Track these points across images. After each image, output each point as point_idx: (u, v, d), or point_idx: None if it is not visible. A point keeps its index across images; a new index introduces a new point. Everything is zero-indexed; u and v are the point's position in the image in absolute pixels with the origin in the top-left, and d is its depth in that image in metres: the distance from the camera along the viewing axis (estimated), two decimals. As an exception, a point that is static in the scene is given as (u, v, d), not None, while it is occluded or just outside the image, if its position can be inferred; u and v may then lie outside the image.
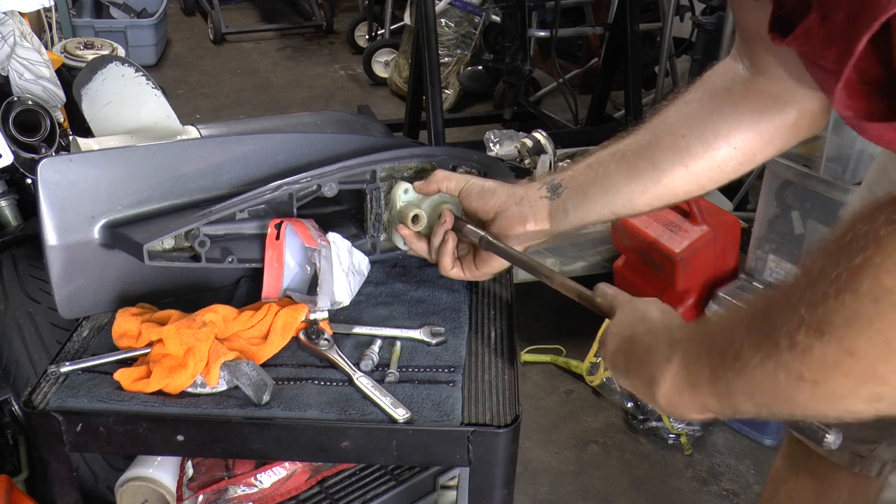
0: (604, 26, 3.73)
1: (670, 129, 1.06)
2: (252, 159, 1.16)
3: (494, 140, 2.82)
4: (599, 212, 1.09)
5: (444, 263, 1.15)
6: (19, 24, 1.91)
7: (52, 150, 1.77)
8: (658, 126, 1.07)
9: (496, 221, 1.13)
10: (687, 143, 1.04)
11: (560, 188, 1.10)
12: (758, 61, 1.00)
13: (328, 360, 1.05)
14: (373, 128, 1.82)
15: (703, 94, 1.06)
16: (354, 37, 5.43)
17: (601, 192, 1.08)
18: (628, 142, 1.08)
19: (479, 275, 1.16)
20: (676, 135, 1.05)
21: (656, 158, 1.05)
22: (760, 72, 1.00)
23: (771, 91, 1.00)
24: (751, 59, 1.01)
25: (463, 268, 1.16)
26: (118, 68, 1.53)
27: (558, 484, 2.23)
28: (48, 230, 1.05)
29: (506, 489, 1.00)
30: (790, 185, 2.42)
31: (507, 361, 1.08)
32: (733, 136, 1.03)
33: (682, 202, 2.41)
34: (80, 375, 1.02)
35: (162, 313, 1.08)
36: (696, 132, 1.04)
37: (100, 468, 1.53)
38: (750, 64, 1.01)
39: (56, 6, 3.68)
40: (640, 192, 1.07)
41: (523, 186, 1.13)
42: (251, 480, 1.16)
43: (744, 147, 1.03)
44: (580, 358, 2.57)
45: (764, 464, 2.28)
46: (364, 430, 0.96)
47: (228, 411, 0.97)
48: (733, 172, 1.05)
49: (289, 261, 1.15)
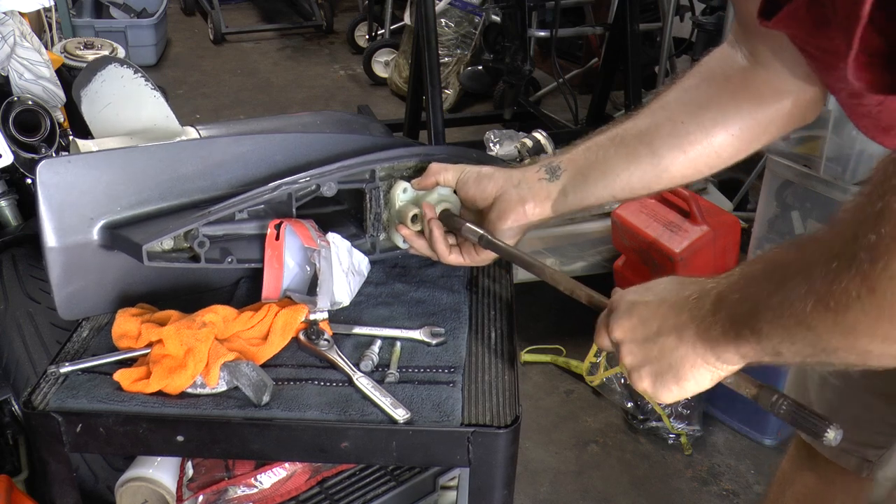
0: (604, 26, 3.73)
1: (670, 115, 1.07)
2: (251, 159, 1.16)
3: (494, 140, 2.81)
4: (598, 194, 1.10)
5: (440, 251, 1.16)
6: (19, 24, 1.91)
7: (52, 150, 1.77)
8: (657, 112, 1.08)
9: (495, 206, 1.13)
10: (686, 129, 1.05)
11: (559, 170, 1.11)
12: (756, 50, 1.01)
13: (328, 360, 1.05)
14: (373, 128, 1.83)
15: (701, 81, 1.07)
16: (354, 37, 5.43)
17: (600, 176, 1.09)
18: (627, 126, 1.09)
19: (481, 260, 1.17)
20: (676, 121, 1.06)
21: (655, 144, 1.07)
22: (758, 61, 1.01)
23: (768, 80, 1.01)
24: (749, 48, 1.02)
25: (463, 253, 1.17)
26: (117, 70, 1.53)
27: (558, 484, 2.23)
28: (47, 232, 1.05)
29: (506, 489, 1.00)
30: (790, 185, 2.42)
31: (507, 361, 1.08)
32: (731, 124, 1.04)
33: (681, 201, 2.42)
34: (80, 376, 1.02)
35: (162, 314, 1.07)
36: (694, 119, 1.05)
37: (100, 468, 1.53)
38: (748, 53, 1.03)
39: (56, 6, 3.68)
40: (638, 176, 1.08)
41: (521, 170, 1.14)
42: (251, 481, 1.16)
43: (741, 134, 1.05)
44: (580, 358, 2.57)
45: (764, 464, 2.28)
46: (364, 431, 0.96)
47: (228, 412, 0.97)
48: (731, 158, 1.07)
49: (288, 261, 1.15)
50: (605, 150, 1.09)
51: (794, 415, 0.80)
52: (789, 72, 0.97)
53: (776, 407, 0.81)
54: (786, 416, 0.81)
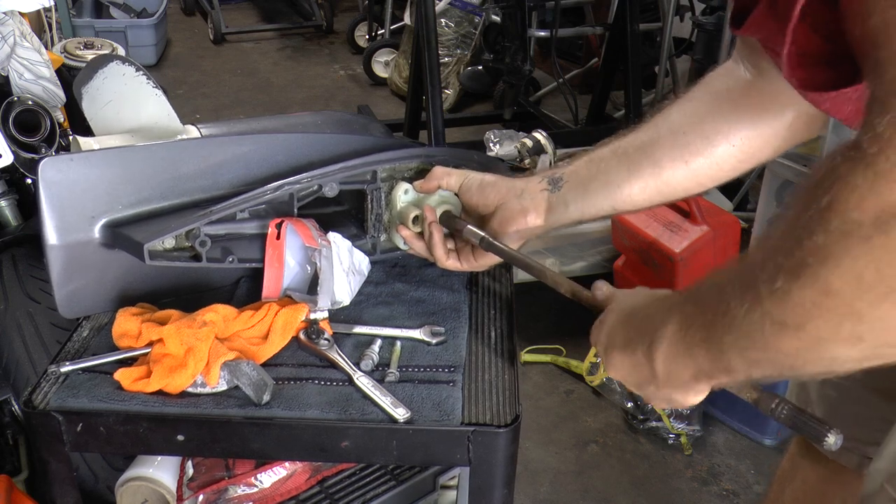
0: (604, 26, 3.73)
1: (671, 126, 1.08)
2: (252, 159, 1.16)
3: (494, 140, 2.81)
4: (599, 206, 1.11)
5: (438, 255, 1.16)
6: (19, 24, 1.91)
7: (52, 150, 1.77)
8: (660, 124, 1.09)
9: (497, 214, 1.13)
10: (687, 140, 1.06)
11: (560, 181, 1.12)
12: (757, 63, 1.02)
13: (328, 359, 1.05)
14: (373, 128, 1.82)
15: (704, 94, 1.08)
16: (354, 37, 5.43)
17: (602, 187, 1.10)
18: (629, 139, 1.10)
19: (478, 266, 1.17)
20: (678, 132, 1.07)
21: (657, 155, 1.07)
22: (761, 74, 1.02)
23: (769, 92, 1.02)
24: (751, 60, 1.03)
25: (461, 259, 1.17)
26: (119, 67, 1.53)
27: (558, 484, 2.23)
28: (48, 230, 1.05)
29: (506, 489, 1.00)
30: (790, 185, 2.42)
31: (507, 361, 1.08)
32: (733, 135, 1.05)
33: (681, 201, 2.42)
34: (80, 375, 1.02)
35: (162, 313, 1.08)
36: (696, 130, 1.06)
37: (100, 468, 1.53)
38: (750, 66, 1.03)
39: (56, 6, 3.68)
40: (640, 188, 1.08)
41: (524, 180, 1.15)
42: (251, 480, 1.16)
43: (742, 145, 1.05)
44: (580, 358, 2.57)
45: (764, 464, 2.28)
46: (364, 430, 0.96)
47: (228, 411, 0.97)
48: (732, 171, 1.07)
49: (289, 260, 1.15)
50: (607, 161, 1.10)
51: (795, 420, 0.81)
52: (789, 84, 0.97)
53: (777, 412, 0.82)
54: (786, 421, 0.81)
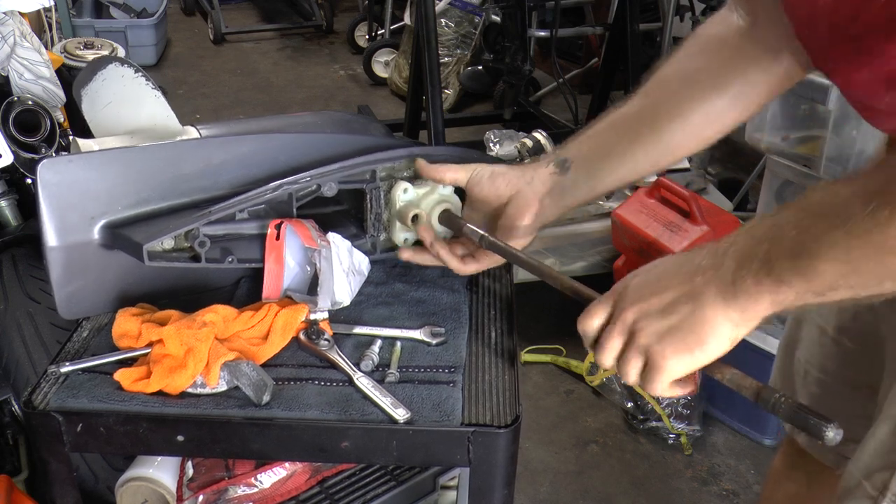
0: (604, 26, 3.73)
1: (667, 86, 1.08)
2: (252, 159, 1.16)
3: (494, 140, 2.82)
4: (608, 182, 1.11)
5: (454, 267, 1.17)
6: (19, 24, 1.91)
7: (52, 150, 1.77)
8: (653, 90, 1.09)
9: (511, 203, 1.13)
10: (682, 98, 1.06)
11: (567, 163, 1.12)
12: (752, 9, 1.03)
13: (328, 360, 1.05)
14: (373, 128, 1.83)
15: (696, 51, 1.08)
16: (354, 37, 5.43)
17: (606, 163, 1.10)
18: (626, 108, 1.10)
19: (496, 261, 1.17)
20: (672, 92, 1.07)
21: (655, 120, 1.07)
22: (755, 20, 1.03)
23: (763, 38, 1.02)
24: (746, 7, 1.04)
25: (478, 259, 1.17)
26: (118, 69, 1.53)
27: (558, 484, 2.23)
28: (48, 231, 1.05)
29: (506, 489, 1.00)
30: (790, 185, 2.42)
31: (507, 361, 1.08)
32: (727, 87, 1.05)
33: (681, 201, 2.42)
34: (80, 375, 1.02)
35: (162, 313, 1.08)
36: (690, 88, 1.06)
37: (100, 468, 1.54)
38: (745, 13, 1.04)
39: (56, 6, 3.68)
40: (643, 156, 1.09)
41: (532, 167, 1.15)
42: (251, 481, 1.16)
43: (739, 96, 1.05)
44: (580, 358, 2.58)
45: (764, 464, 2.28)
46: (364, 431, 0.96)
47: (228, 411, 0.97)
48: (734, 122, 1.07)
49: (289, 261, 1.15)
50: (607, 136, 1.11)
51: (794, 414, 0.80)
52: (784, 27, 0.96)
53: (776, 407, 0.82)
54: (786, 416, 0.81)
